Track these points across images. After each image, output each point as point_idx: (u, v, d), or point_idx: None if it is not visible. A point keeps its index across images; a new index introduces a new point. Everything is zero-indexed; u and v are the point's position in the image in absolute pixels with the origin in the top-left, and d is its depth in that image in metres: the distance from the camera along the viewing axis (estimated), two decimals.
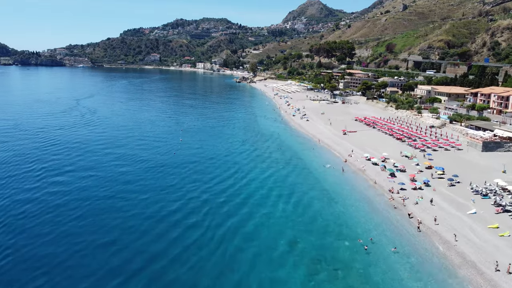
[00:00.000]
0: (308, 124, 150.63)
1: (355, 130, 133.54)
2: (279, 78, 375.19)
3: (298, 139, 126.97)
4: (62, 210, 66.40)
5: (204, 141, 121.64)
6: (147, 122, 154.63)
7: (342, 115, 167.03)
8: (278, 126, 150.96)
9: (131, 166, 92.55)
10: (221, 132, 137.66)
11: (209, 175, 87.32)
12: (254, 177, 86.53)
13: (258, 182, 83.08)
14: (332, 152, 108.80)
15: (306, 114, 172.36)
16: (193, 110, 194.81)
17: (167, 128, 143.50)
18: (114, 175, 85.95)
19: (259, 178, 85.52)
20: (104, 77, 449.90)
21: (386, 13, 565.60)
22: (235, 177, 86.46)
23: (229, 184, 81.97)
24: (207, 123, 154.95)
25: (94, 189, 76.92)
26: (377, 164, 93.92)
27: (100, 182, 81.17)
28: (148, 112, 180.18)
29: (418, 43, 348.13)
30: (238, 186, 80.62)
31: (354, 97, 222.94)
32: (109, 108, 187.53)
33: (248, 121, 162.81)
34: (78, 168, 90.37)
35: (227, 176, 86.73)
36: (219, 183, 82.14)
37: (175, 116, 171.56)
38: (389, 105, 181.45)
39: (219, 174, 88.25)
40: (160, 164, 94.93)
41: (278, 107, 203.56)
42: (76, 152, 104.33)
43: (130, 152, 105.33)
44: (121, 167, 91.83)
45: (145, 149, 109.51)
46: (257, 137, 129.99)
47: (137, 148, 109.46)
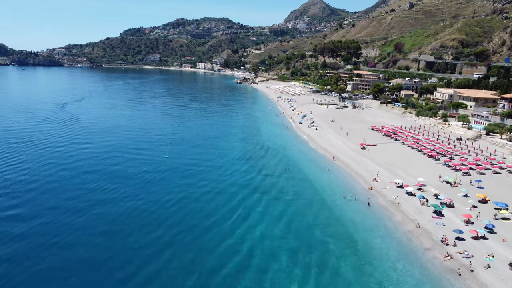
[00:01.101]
0: (318, 134, 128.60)
1: (375, 143, 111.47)
2: (282, 79, 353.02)
3: (308, 155, 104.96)
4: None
5: (195, 158, 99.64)
6: (134, 132, 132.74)
7: (355, 123, 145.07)
8: (283, 136, 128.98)
9: (82, 216, 64.01)
10: (217, 145, 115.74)
11: (195, 221, 65.22)
12: (254, 222, 63.74)
13: (260, 233, 60.31)
14: (352, 174, 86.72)
15: (315, 121, 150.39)
16: (188, 116, 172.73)
17: (155, 139, 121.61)
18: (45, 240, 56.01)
19: (261, 224, 62.75)
20: (100, 78, 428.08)
21: (391, 11, 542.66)
22: (227, 225, 62.53)
23: (219, 239, 58.02)
24: (202, 133, 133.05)
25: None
26: (413, 195, 72.00)
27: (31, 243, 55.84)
28: (138, 120, 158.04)
29: (428, 42, 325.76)
30: (232, 242, 57.63)
31: (365, 100, 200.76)
32: (94, 115, 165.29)
33: (249, 130, 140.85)
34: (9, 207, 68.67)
35: (217, 224, 62.19)
36: (207, 240, 57.36)
37: (168, 124, 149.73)
38: (407, 111, 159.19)
39: (207, 219, 63.88)
40: (126, 204, 68.23)
41: (282, 112, 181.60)
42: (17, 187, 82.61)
43: (95, 182, 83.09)
44: (71, 214, 63.69)
45: (119, 173, 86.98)
46: (259, 152, 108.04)
47: (108, 173, 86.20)
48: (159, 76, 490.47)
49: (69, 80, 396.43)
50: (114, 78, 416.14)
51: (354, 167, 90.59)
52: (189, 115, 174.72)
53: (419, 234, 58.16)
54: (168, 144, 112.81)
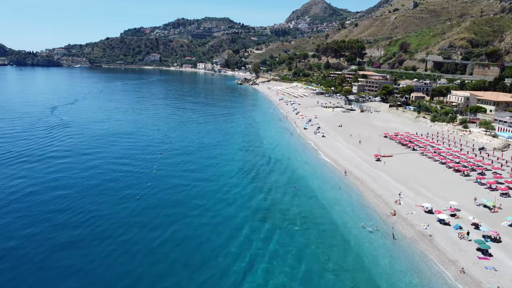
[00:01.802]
0: (326, 142, 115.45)
1: (391, 154, 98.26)
2: (284, 79, 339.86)
3: (316, 168, 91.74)
4: None
5: (188, 173, 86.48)
6: (123, 139, 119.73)
7: (365, 128, 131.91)
8: (287, 145, 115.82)
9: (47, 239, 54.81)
10: (214, 156, 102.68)
11: (182, 260, 52.29)
12: (254, 265, 50.79)
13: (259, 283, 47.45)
14: (369, 194, 73.51)
15: (320, 126, 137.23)
16: (184, 121, 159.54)
17: (145, 148, 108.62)
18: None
19: (261, 269, 49.77)
20: (98, 79, 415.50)
21: (394, 11, 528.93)
22: (223, 266, 50.27)
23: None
24: (198, 141, 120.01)
25: None
26: (447, 223, 58.95)
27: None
28: (129, 126, 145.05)
29: (435, 41, 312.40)
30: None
31: (373, 103, 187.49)
32: (83, 120, 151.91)
33: (250, 137, 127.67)
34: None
35: (210, 265, 49.97)
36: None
37: (161, 130, 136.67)
38: (421, 116, 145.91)
39: (195, 257, 51.73)
40: (94, 249, 52.06)
41: (285, 116, 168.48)
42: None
43: (60, 212, 70.39)
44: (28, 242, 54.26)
45: (94, 197, 73.81)
46: (261, 164, 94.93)
47: (81, 198, 71.98)
48: (159, 76, 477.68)
49: (65, 81, 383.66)
50: (112, 79, 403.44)
51: (371, 185, 77.43)
52: (186, 119, 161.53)
53: (465, 283, 45.03)
54: (158, 154, 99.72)
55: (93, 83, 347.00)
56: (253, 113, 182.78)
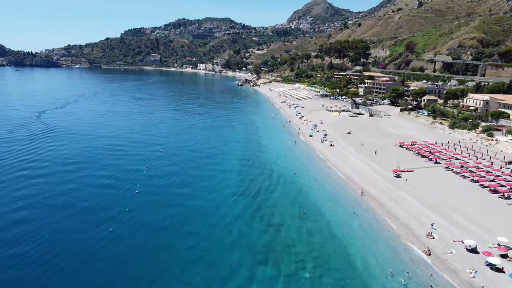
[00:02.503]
0: (335, 152, 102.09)
1: (411, 169, 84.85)
2: (286, 81, 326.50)
3: (326, 186, 78.29)
4: None
5: (177, 194, 73.23)
6: (107, 150, 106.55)
7: (376, 136, 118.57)
8: (292, 156, 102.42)
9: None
10: (209, 168, 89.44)
11: None
12: None
13: None
14: (392, 223, 60.10)
15: (328, 133, 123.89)
16: (179, 127, 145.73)
17: (130, 160, 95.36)
18: None
19: None
20: (96, 80, 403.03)
21: (398, 10, 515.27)
22: None
23: None
24: (192, 149, 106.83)
25: None
26: (500, 270, 45.65)
27: None
28: (117, 133, 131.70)
29: (443, 41, 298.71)
30: None
31: (382, 107, 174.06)
32: (70, 127, 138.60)
33: (250, 146, 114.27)
34: None
35: None
36: None
37: (154, 137, 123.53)
38: (437, 121, 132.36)
39: None
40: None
41: (288, 121, 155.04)
42: None
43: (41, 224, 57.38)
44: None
45: (70, 214, 61.50)
46: (262, 179, 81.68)
47: (51, 215, 60.88)
48: (158, 77, 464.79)
49: (61, 82, 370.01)
50: (110, 80, 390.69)
51: (393, 209, 64.10)
52: (181, 125, 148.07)
53: None
54: (144, 169, 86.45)
55: (90, 84, 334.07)
56: (254, 117, 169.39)
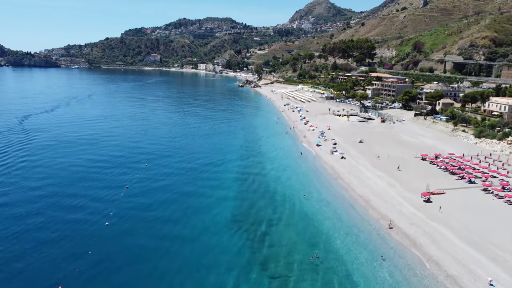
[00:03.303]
0: (347, 167, 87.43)
1: (442, 191, 70.17)
2: (288, 81, 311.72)
3: (342, 214, 63.49)
4: None
5: (156, 228, 58.82)
6: (90, 160, 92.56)
7: (392, 146, 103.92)
8: (297, 171, 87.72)
9: None
10: (200, 188, 75.09)
11: None
12: None
13: None
14: (437, 276, 45.47)
15: (337, 142, 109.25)
16: (171, 135, 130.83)
17: (112, 175, 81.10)
18: None
19: None
20: (93, 80, 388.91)
21: (403, 10, 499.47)
22: None
23: None
24: (182, 163, 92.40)
25: None
26: None
27: None
28: (105, 140, 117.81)
29: (452, 41, 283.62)
30: None
31: (393, 111, 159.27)
32: (54, 135, 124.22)
33: (250, 158, 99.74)
34: None
35: None
36: None
37: (141, 147, 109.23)
38: (459, 129, 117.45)
39: None
40: None
41: (291, 127, 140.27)
42: None
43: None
44: None
45: (23, 251, 47.21)
46: (262, 205, 67.20)
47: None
48: (158, 78, 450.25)
49: (55, 83, 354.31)
50: (108, 81, 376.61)
51: (432, 252, 49.42)
52: (174, 132, 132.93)
53: None
54: (123, 190, 71.93)
55: (85, 86, 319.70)
56: (255, 122, 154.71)
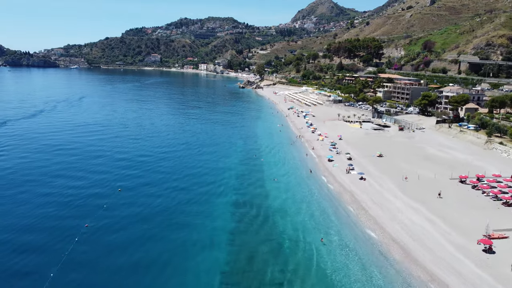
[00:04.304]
0: (370, 192, 69.57)
1: (504, 233, 52.40)
2: (292, 83, 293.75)
3: (373, 272, 45.80)
4: None
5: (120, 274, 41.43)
6: (57, 179, 75.47)
7: (419, 161, 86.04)
8: (308, 198, 69.84)
9: None
10: (176, 241, 57.50)
11: None
12: None
13: None
14: None
15: (352, 156, 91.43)
16: (160, 146, 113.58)
17: (73, 208, 63.65)
18: None
19: None
20: (90, 81, 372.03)
21: (408, 8, 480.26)
22: None
23: None
24: (162, 189, 74.69)
25: None
26: None
27: None
28: (85, 152, 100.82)
29: (465, 40, 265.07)
30: None
31: (410, 117, 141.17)
32: (29, 146, 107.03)
33: (249, 179, 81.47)
34: None
35: None
36: None
37: (120, 165, 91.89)
38: (494, 140, 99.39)
39: None
40: None
41: (298, 135, 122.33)
42: None
43: None
44: None
45: None
46: (265, 251, 49.62)
47: None
48: (157, 79, 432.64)
49: (49, 84, 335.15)
50: (104, 82, 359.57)
51: None
52: (163, 143, 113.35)
53: None
54: (81, 228, 54.34)
55: (80, 87, 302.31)
56: (256, 130, 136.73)
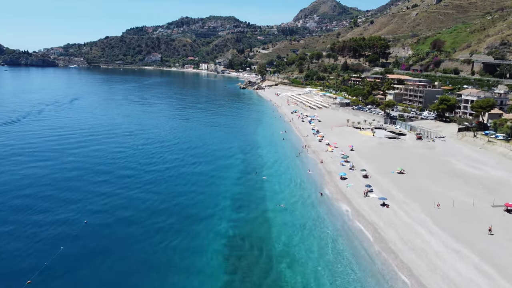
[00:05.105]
0: (396, 224, 55.22)
1: None
2: (295, 83, 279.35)
3: None
4: None
5: None
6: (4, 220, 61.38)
7: (448, 180, 71.69)
8: (321, 244, 55.16)
9: None
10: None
11: None
12: None
13: None
14: None
15: (369, 173, 77.09)
16: (145, 159, 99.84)
17: (14, 257, 49.79)
18: None
19: None
20: (87, 81, 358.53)
21: (413, 7, 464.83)
22: None
23: None
24: (139, 226, 60.65)
25: None
26: None
27: None
28: (55, 171, 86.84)
29: (476, 39, 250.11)
30: None
31: (426, 123, 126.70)
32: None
33: (245, 211, 66.94)
34: None
35: None
36: None
37: (90, 191, 77.96)
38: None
39: None
40: None
41: (304, 145, 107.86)
42: None
43: None
44: None
45: None
46: None
47: None
48: (156, 79, 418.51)
49: (43, 84, 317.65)
50: (103, 82, 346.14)
51: None
52: (147, 164, 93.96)
53: None
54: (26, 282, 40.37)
55: (75, 87, 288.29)
56: (257, 138, 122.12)
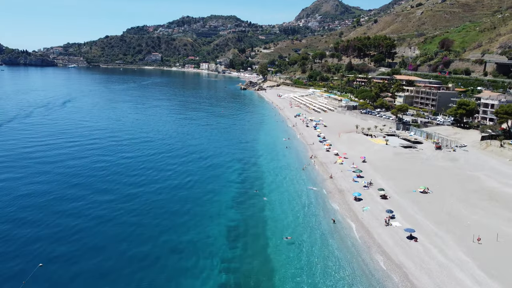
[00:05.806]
0: (429, 269, 43.55)
1: None
2: (297, 84, 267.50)
3: None
4: None
5: None
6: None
7: (482, 203, 59.93)
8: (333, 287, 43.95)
9: None
10: None
11: None
12: None
13: None
14: None
15: (388, 194, 65.29)
16: (129, 176, 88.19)
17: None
18: None
19: None
20: (85, 81, 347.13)
21: (418, 6, 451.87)
22: None
23: None
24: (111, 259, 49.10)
25: None
26: None
27: None
28: (31, 188, 75.52)
29: (487, 38, 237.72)
30: None
31: (442, 129, 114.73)
32: None
33: (242, 242, 55.35)
34: None
35: None
36: None
37: (61, 215, 66.44)
38: None
39: None
40: None
41: (311, 156, 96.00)
42: None
43: None
44: None
45: None
46: None
47: None
48: (155, 79, 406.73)
49: (38, 84, 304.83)
50: (101, 82, 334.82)
51: None
52: (131, 184, 79.59)
53: None
54: None
55: (71, 88, 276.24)
56: (257, 147, 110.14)
